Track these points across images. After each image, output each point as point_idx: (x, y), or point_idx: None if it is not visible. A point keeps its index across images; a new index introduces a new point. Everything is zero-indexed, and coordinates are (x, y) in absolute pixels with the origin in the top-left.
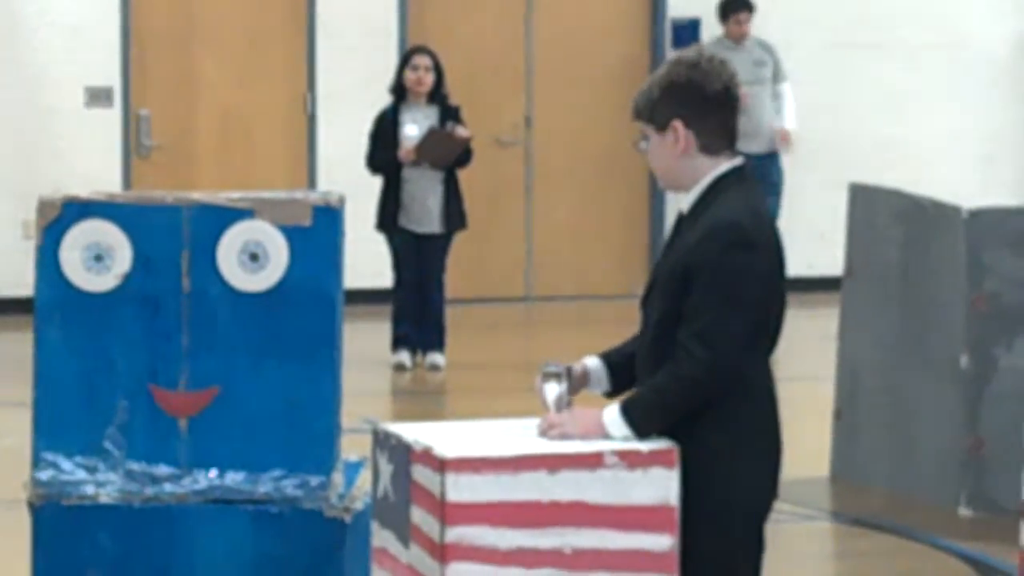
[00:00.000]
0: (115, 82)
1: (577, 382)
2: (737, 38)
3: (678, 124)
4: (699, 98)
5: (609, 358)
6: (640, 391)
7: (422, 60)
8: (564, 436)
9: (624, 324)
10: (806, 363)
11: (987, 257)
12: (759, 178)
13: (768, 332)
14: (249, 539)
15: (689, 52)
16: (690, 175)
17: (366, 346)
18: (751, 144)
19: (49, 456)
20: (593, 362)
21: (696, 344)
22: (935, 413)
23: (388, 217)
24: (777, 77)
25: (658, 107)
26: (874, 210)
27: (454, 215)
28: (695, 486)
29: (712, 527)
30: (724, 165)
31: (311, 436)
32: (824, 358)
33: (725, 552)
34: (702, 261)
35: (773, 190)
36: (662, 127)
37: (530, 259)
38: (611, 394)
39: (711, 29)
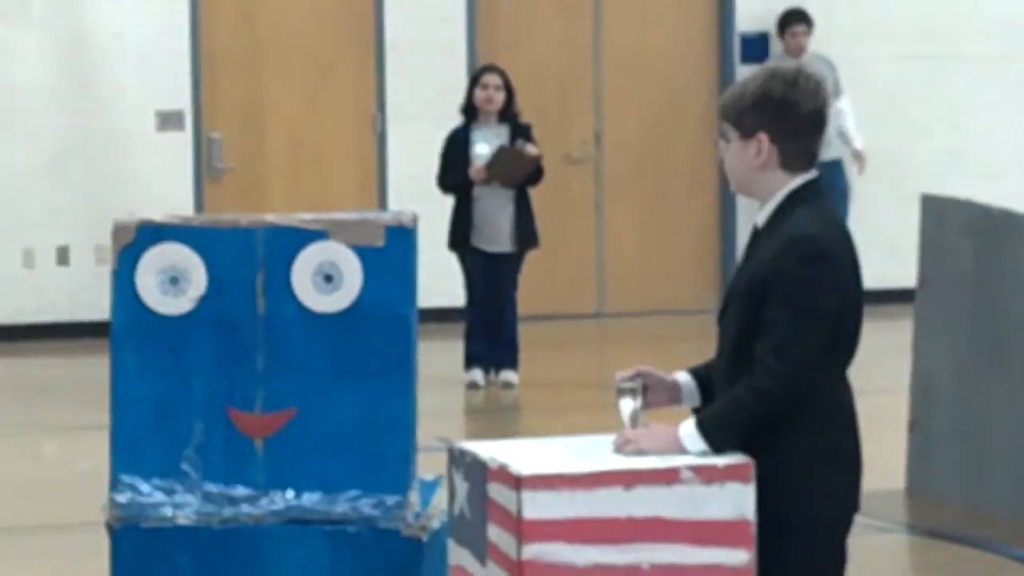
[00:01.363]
0: (186, 105)
1: (667, 395)
2: (795, 51)
3: (764, 137)
4: (790, 117)
5: (698, 373)
6: (716, 405)
7: (492, 79)
8: (639, 452)
9: (697, 339)
10: (880, 375)
11: None
12: (826, 185)
13: (846, 345)
14: (327, 559)
15: (788, 68)
16: (764, 187)
17: (439, 365)
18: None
19: (127, 479)
20: (684, 377)
21: (773, 358)
22: (1011, 424)
23: (460, 236)
24: (836, 92)
25: (747, 115)
26: (945, 221)
27: (526, 233)
28: (775, 499)
29: (794, 541)
30: (799, 179)
31: (387, 456)
32: (898, 370)
33: (808, 566)
34: (779, 274)
35: (840, 197)
36: (747, 135)
37: (601, 275)
38: (701, 409)
39: (780, 44)
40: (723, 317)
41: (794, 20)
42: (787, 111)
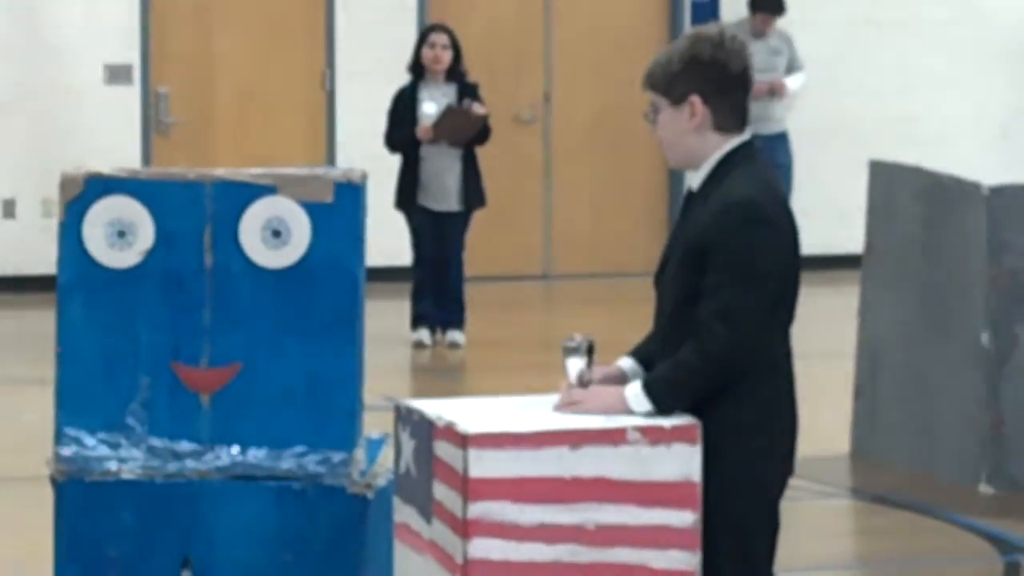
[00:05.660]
0: (134, 59)
1: (615, 383)
2: (759, 33)
3: (696, 99)
4: (720, 76)
5: (639, 354)
6: (662, 368)
7: (439, 38)
8: (585, 412)
9: (643, 303)
10: (827, 341)
11: (1008, 234)
12: (767, 159)
13: (785, 307)
14: (271, 515)
15: (711, 29)
16: (699, 151)
17: (386, 324)
18: (761, 127)
19: (72, 432)
20: (627, 362)
21: (717, 321)
22: (955, 390)
23: (407, 195)
24: (792, 67)
25: (677, 80)
26: (894, 187)
27: (473, 193)
28: (712, 461)
29: (728, 502)
30: (733, 141)
31: (333, 412)
32: (845, 336)
33: (740, 527)
34: (718, 238)
35: (783, 172)
36: (678, 101)
37: (549, 236)
38: None
39: (730, 6)
40: (659, 279)
41: (771, 9)
42: (716, 71)
